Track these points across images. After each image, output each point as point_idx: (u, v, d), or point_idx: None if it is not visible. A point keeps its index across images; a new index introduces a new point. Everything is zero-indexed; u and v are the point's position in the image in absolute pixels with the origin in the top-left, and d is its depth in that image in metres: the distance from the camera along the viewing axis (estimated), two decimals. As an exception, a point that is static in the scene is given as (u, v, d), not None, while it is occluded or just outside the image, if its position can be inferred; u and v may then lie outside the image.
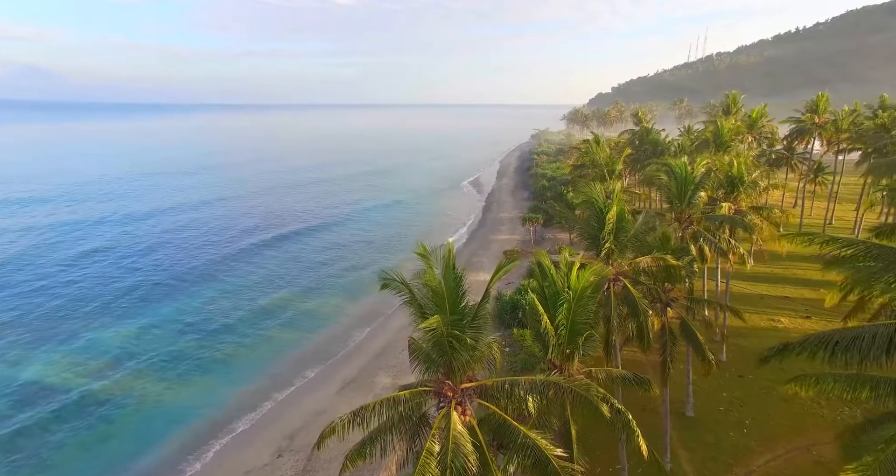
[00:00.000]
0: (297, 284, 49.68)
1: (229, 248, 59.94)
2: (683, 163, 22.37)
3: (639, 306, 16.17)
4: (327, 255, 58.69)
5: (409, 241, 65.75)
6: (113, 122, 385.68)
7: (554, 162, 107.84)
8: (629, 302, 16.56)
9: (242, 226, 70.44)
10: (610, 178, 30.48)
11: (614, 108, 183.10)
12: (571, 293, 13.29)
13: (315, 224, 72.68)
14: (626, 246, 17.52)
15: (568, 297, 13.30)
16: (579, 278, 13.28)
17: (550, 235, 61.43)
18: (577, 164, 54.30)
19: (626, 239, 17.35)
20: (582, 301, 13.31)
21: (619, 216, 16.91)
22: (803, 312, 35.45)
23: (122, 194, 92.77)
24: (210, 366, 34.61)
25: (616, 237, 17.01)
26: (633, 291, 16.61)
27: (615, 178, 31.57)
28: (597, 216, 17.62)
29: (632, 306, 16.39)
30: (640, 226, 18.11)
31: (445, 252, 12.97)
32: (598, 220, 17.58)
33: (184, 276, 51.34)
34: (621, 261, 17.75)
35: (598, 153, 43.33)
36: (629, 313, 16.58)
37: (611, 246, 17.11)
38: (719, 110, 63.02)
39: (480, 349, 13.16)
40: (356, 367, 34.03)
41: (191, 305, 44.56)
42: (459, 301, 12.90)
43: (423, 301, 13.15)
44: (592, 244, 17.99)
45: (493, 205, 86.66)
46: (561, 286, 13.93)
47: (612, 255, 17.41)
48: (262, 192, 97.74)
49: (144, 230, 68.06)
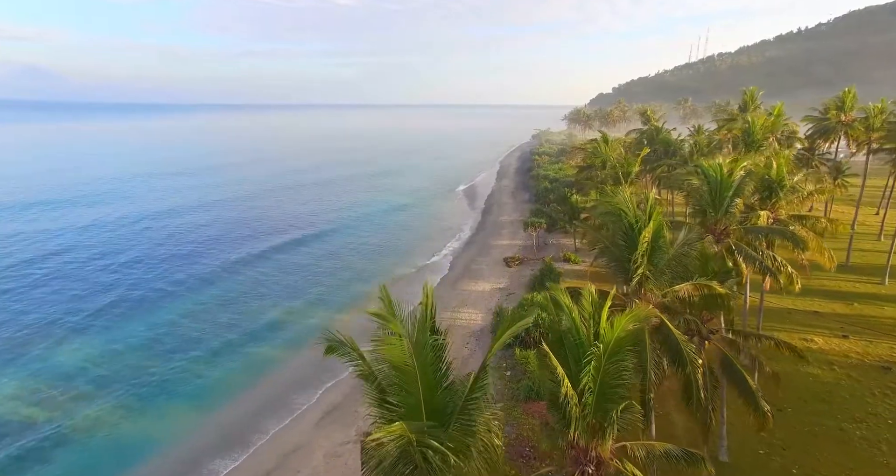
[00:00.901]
0: (284, 297, 45.87)
1: (217, 257, 56.03)
2: (718, 165, 18.85)
3: (684, 352, 12.54)
4: (321, 265, 54.42)
5: (404, 248, 62.19)
6: (112, 122, 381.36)
7: (556, 163, 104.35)
8: (670, 345, 12.97)
9: (235, 232, 66.05)
10: (625, 180, 26.96)
11: (617, 107, 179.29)
12: (602, 346, 9.68)
13: (310, 231, 67.99)
14: (663, 271, 13.92)
15: (597, 351, 9.67)
16: (613, 326, 9.67)
17: (554, 241, 57.82)
18: (583, 164, 50.78)
19: (664, 262, 13.73)
20: (617, 357, 9.71)
21: (657, 234, 13.31)
22: (838, 330, 31.88)
23: (114, 197, 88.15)
24: (177, 389, 30.99)
25: (651, 260, 13.42)
26: (676, 333, 12.93)
27: (630, 180, 27.96)
28: (625, 233, 13.99)
29: (674, 351, 12.80)
30: (682, 245, 14.47)
31: (420, 310, 9.28)
32: (626, 237, 13.97)
33: (165, 286, 47.66)
34: (657, 290, 14.15)
35: (607, 153, 39.82)
36: (670, 360, 12.98)
37: (644, 271, 13.52)
38: (735, 108, 59.48)
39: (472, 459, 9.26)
40: (340, 393, 30.40)
41: (166, 319, 40.95)
42: (440, 382, 9.13)
43: (386, 377, 9.42)
44: (619, 268, 14.37)
45: (493, 207, 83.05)
46: (586, 336, 10.27)
47: (647, 283, 13.81)
48: (259, 194, 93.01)
49: (131, 235, 63.92)
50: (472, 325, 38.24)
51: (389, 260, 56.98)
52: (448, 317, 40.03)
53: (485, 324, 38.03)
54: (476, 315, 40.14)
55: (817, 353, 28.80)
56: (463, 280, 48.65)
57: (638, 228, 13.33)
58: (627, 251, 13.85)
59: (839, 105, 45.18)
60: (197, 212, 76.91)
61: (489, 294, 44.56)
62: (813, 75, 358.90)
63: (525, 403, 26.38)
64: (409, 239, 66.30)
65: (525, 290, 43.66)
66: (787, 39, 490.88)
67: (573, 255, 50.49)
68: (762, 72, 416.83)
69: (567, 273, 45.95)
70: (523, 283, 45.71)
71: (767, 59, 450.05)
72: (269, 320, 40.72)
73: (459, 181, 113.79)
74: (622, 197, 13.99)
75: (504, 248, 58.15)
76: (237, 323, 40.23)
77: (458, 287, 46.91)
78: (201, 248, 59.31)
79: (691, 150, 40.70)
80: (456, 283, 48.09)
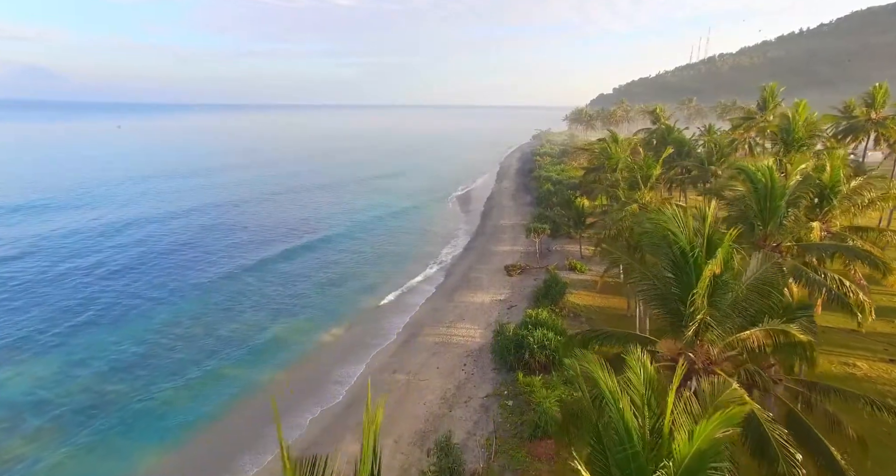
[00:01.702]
0: (268, 312, 41.94)
1: (200, 267, 51.92)
2: (769, 168, 15.31)
3: (776, 447, 8.75)
4: (315, 276, 50.04)
5: (398, 255, 58.59)
6: (110, 122, 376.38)
7: (558, 164, 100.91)
8: (753, 433, 9.17)
9: (221, 241, 61.40)
10: (644, 185, 23.47)
11: (620, 107, 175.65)
12: (673, 465, 6.00)
13: (302, 240, 63.15)
14: (728, 314, 10.29)
15: (668, 472, 5.96)
16: (693, 436, 5.99)
17: (557, 247, 54.19)
18: (589, 166, 47.23)
19: (729, 303, 10.11)
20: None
21: (725, 266, 9.66)
22: (883, 354, 28.30)
23: (103, 201, 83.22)
24: (136, 420, 27.41)
25: (711, 300, 9.85)
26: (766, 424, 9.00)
27: (651, 185, 24.43)
28: (674, 262, 10.30)
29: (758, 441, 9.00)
30: (755, 280, 10.75)
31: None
32: (676, 268, 10.32)
33: (141, 298, 44.04)
34: (719, 339, 10.47)
35: (617, 154, 36.31)
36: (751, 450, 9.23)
37: (704, 317, 9.90)
38: (752, 106, 56.00)
39: None
40: (318, 426, 26.80)
41: (137, 334, 37.35)
42: None
43: None
44: (665, 308, 10.77)
45: (493, 210, 79.45)
46: (642, 440, 6.58)
47: (707, 332, 10.18)
48: (250, 199, 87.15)
49: (114, 242, 59.96)
50: (469, 343, 34.69)
51: (382, 269, 53.39)
52: (443, 333, 36.55)
53: (484, 341, 34.46)
54: (474, 331, 36.58)
55: (864, 382, 25.26)
56: (460, 290, 45.07)
57: (695, 258, 9.68)
58: (679, 288, 10.23)
59: (868, 102, 41.72)
60: (182, 218, 72.49)
61: (489, 307, 40.99)
62: (815, 76, 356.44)
63: (531, 443, 22.82)
64: (405, 245, 62.69)
65: (528, 302, 40.14)
66: (788, 40, 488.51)
67: (579, 264, 46.90)
68: (764, 72, 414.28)
69: (573, 283, 42.42)
70: (526, 295, 42.15)
71: (769, 59, 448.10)
72: (249, 337, 37.11)
73: (458, 183, 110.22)
74: (671, 213, 10.29)
75: (504, 255, 54.61)
76: (213, 340, 36.65)
77: (455, 298, 43.36)
78: (184, 257, 55.51)
79: (710, 150, 37.15)
80: (453, 293, 44.52)
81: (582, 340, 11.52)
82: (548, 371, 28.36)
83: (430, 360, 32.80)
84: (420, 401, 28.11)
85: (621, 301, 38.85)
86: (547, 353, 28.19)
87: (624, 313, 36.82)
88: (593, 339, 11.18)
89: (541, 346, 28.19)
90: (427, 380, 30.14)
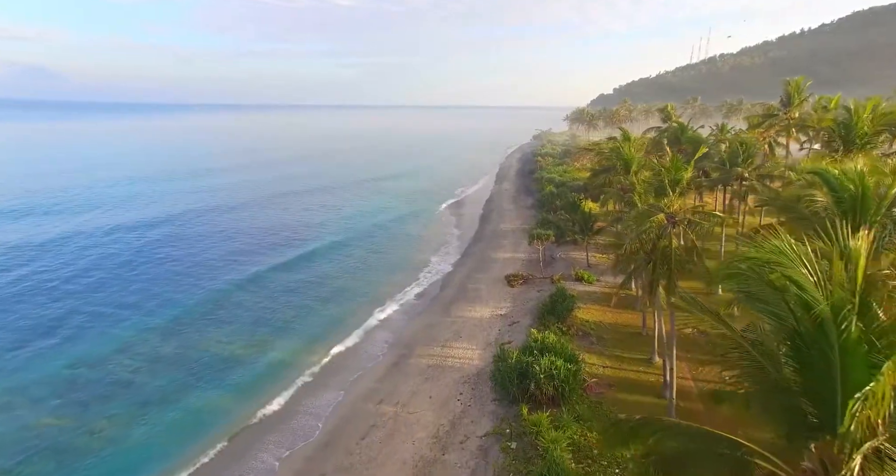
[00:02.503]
0: (246, 325, 38.14)
1: (179, 277, 48.06)
2: (859, 173, 11.58)
3: None
4: (301, 287, 45.51)
5: (393, 263, 54.74)
6: (109, 122, 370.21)
7: (560, 164, 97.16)
8: None
9: (213, 250, 56.45)
10: (673, 191, 19.72)
11: (623, 106, 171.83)
12: None
13: (299, 244, 58.75)
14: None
15: None
16: None
17: (562, 254, 50.36)
18: (598, 167, 43.44)
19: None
20: None
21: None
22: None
23: (91, 204, 78.35)
24: (77, 462, 23.55)
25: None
26: None
27: (681, 190, 20.62)
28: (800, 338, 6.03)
29: None
30: None
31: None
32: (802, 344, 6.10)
33: (107, 311, 40.30)
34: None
35: (631, 154, 32.58)
36: None
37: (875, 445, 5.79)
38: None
39: None
40: (290, 471, 22.90)
41: (96, 353, 33.54)
42: None
43: None
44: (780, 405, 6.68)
45: (493, 213, 75.61)
46: None
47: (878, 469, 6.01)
48: (249, 202, 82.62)
49: (90, 252, 55.45)
50: (466, 367, 30.86)
51: (373, 278, 49.61)
52: (437, 354, 32.71)
53: (482, 364, 30.62)
54: (472, 352, 32.74)
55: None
56: (457, 303, 41.24)
57: (844, 335, 5.48)
58: (803, 377, 6.16)
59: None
60: (167, 225, 66.96)
61: (488, 322, 37.17)
62: (817, 76, 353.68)
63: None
64: (399, 252, 58.91)
65: (531, 317, 36.31)
66: (789, 40, 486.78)
67: (586, 273, 43.11)
68: (765, 72, 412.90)
69: (580, 295, 38.63)
70: (529, 309, 38.32)
71: (770, 59, 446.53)
72: (219, 359, 33.23)
73: (457, 184, 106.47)
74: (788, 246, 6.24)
75: (505, 263, 50.79)
76: (179, 361, 32.81)
77: (451, 312, 39.51)
78: (164, 268, 51.19)
79: (734, 150, 33.35)
80: (449, 307, 40.69)
81: (630, 432, 7.76)
82: (556, 404, 24.59)
83: (422, 386, 28.97)
84: (409, 439, 24.28)
85: (635, 317, 35.07)
86: (555, 384, 24.39)
87: (639, 331, 33.02)
88: (647, 432, 7.42)
89: (548, 375, 24.39)
90: (417, 412, 26.31)
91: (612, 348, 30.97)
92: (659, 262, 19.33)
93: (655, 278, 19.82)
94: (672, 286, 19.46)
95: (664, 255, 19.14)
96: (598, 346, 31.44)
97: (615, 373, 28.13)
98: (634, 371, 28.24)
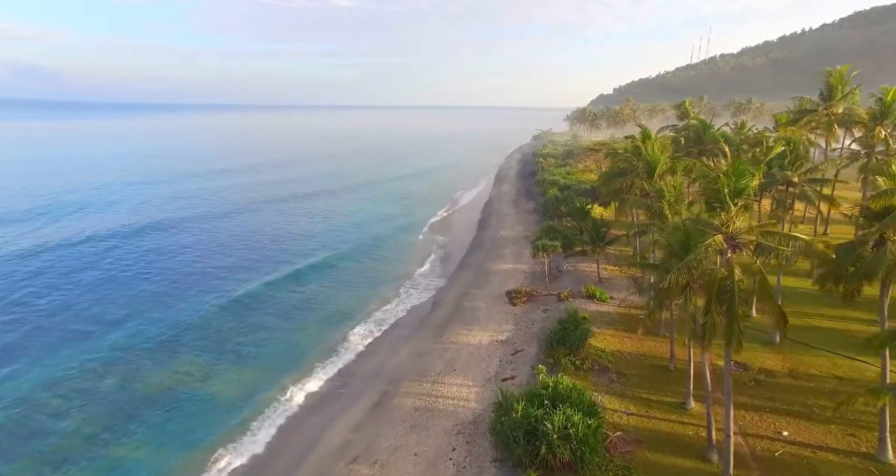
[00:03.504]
0: (211, 354, 33.13)
1: (136, 300, 42.22)
2: None
3: None
4: (281, 305, 40.65)
5: (381, 276, 49.53)
6: (107, 123, 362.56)
7: (563, 166, 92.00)
8: None
9: (186, 266, 50.24)
10: (733, 203, 14.54)
11: (627, 105, 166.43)
12: None
13: (287, 256, 53.37)
14: None
15: None
16: None
17: (569, 267, 45.20)
18: (611, 169, 38.26)
19: None
20: None
21: None
22: None
23: (71, 210, 72.32)
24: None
25: None
26: None
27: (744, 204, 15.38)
28: None
29: None
30: None
31: None
32: None
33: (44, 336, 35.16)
34: None
35: (655, 154, 27.50)
36: None
37: None
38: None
39: None
40: None
41: (16, 390, 28.33)
42: None
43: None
44: None
45: (492, 218, 70.37)
46: None
47: None
48: (238, 209, 76.37)
49: (61, 264, 49.66)
50: (461, 411, 25.65)
51: (359, 293, 44.48)
52: (427, 392, 27.52)
53: (480, 408, 25.41)
54: (468, 390, 27.53)
55: None
56: (452, 326, 36.01)
57: None
58: None
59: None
60: (140, 237, 60.21)
61: (487, 350, 31.95)
62: (817, 76, 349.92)
63: None
64: (389, 263, 53.76)
65: (537, 345, 31.13)
66: (790, 40, 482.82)
67: (598, 290, 37.95)
68: (767, 73, 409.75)
69: (593, 317, 33.53)
70: (534, 333, 33.13)
71: (771, 59, 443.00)
72: (167, 399, 28.02)
73: (454, 187, 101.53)
74: None
75: (506, 276, 45.62)
76: (117, 400, 27.62)
77: (444, 337, 34.29)
78: (115, 284, 45.80)
79: (780, 152, 28.08)
80: (443, 330, 35.46)
81: None
82: (573, 471, 19.43)
83: (407, 438, 23.76)
84: (386, 516, 19.11)
85: (659, 344, 29.90)
86: (572, 447, 19.20)
87: (666, 364, 27.83)
88: None
89: (563, 435, 19.20)
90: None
91: (635, 388, 25.78)
92: (715, 301, 14.23)
93: (708, 324, 14.65)
94: (734, 335, 14.31)
95: (722, 291, 14.08)
96: (618, 384, 26.25)
97: (643, 422, 22.92)
98: (666, 420, 23.04)
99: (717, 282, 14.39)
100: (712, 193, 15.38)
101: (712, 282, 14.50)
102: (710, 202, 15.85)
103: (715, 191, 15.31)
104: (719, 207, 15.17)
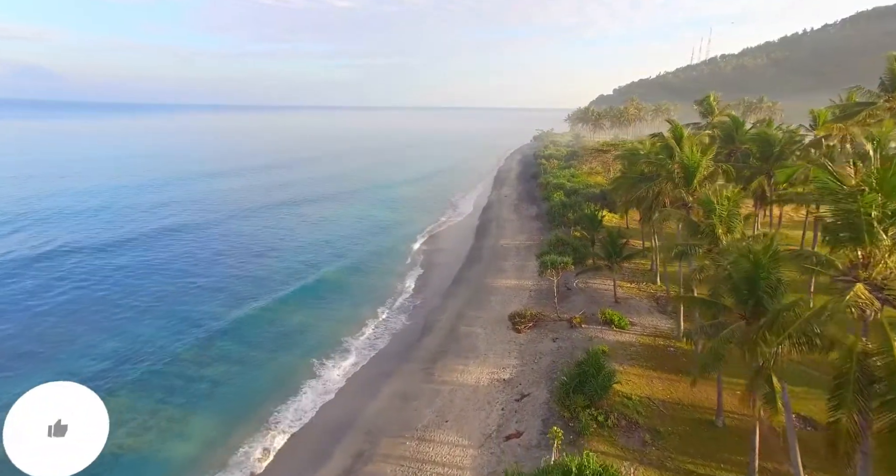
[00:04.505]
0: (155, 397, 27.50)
1: (93, 326, 36.89)
2: None
3: None
4: (251, 337, 35.14)
5: (364, 293, 43.82)
6: (105, 122, 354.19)
7: (567, 168, 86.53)
8: None
9: (156, 285, 43.68)
10: (881, 234, 9.17)
11: (631, 105, 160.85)
12: None
13: (269, 272, 47.28)
14: None
15: None
16: None
17: (580, 283, 39.59)
18: (632, 174, 32.72)
19: None
20: None
21: None
22: None
23: (53, 217, 65.92)
24: None
25: None
26: None
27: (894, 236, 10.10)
28: None
29: None
30: None
31: None
32: None
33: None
34: None
35: (696, 158, 22.12)
36: None
37: None
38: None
39: None
40: None
41: None
42: None
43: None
44: None
45: (491, 225, 64.80)
46: None
47: None
48: (220, 221, 68.04)
49: (29, 281, 43.53)
50: (453, 483, 20.10)
51: (336, 316, 38.92)
52: (411, 454, 21.95)
53: (478, 479, 19.86)
54: (462, 451, 21.95)
55: None
56: (444, 358, 30.44)
57: None
58: None
59: None
60: (101, 255, 51.89)
61: (486, 394, 26.37)
62: (820, 76, 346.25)
63: None
64: (375, 275, 48.17)
65: (547, 387, 25.59)
66: (791, 40, 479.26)
67: (616, 315, 32.39)
68: (767, 73, 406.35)
69: (613, 349, 28.10)
70: (543, 371, 27.56)
71: (772, 60, 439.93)
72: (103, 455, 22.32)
73: (452, 190, 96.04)
74: None
75: (508, 294, 40.05)
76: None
77: (434, 374, 28.72)
78: (76, 303, 40.29)
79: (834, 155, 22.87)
80: (433, 364, 29.86)
81: None
82: None
83: (382, 527, 18.18)
84: None
85: (704, 393, 24.08)
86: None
87: (711, 419, 22.25)
88: None
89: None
90: None
91: (676, 454, 20.23)
92: (860, 389, 8.66)
93: (843, 431, 8.96)
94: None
95: (866, 372, 8.58)
96: (654, 447, 20.69)
97: (692, 510, 17.40)
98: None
99: (854, 358, 8.90)
100: (843, 216, 10.04)
101: (847, 357, 9.03)
102: (835, 230, 10.47)
103: (848, 213, 9.93)
104: (849, 238, 9.84)
